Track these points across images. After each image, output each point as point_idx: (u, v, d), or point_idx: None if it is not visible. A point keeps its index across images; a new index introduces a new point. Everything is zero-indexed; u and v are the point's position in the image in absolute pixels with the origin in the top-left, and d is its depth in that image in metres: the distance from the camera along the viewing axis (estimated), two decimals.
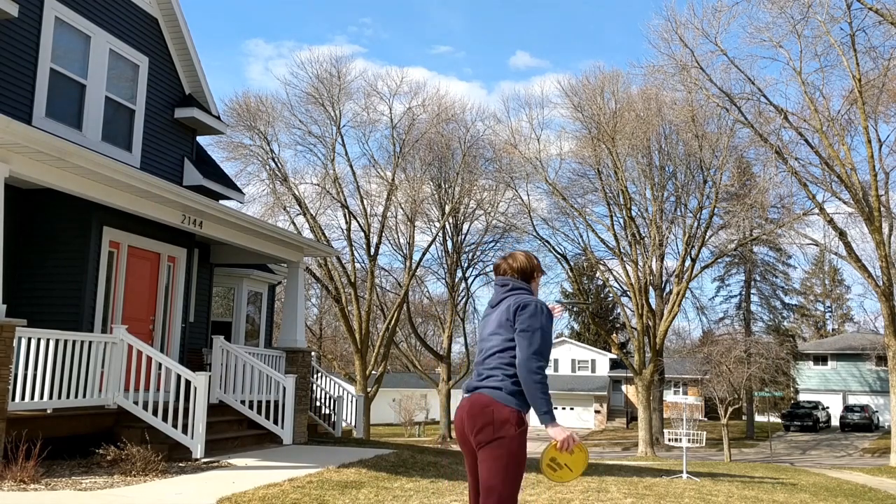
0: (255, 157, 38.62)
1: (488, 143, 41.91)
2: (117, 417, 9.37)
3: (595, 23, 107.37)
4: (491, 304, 4.03)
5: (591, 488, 8.81)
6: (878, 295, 27.52)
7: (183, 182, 13.62)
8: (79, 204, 9.64)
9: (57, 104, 11.06)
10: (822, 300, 65.59)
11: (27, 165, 8.04)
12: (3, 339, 7.47)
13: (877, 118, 28.37)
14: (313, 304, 50.41)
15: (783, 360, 41.10)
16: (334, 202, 39.66)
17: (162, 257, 11.82)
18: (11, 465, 7.18)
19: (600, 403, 55.16)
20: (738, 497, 9.04)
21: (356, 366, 39.54)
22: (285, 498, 6.98)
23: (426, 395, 55.21)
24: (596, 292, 56.49)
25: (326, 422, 14.87)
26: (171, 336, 11.95)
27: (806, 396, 51.86)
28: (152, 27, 13.12)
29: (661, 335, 38.17)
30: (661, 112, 35.52)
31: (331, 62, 50.76)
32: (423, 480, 8.54)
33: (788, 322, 57.39)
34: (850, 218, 28.69)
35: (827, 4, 25.96)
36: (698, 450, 32.28)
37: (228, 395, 11.41)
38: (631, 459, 29.95)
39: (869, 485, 14.94)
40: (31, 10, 10.62)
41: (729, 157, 34.88)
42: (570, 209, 39.53)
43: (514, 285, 3.96)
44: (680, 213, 38.91)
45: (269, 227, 12.42)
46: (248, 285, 15.88)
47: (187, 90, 13.99)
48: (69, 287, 10.04)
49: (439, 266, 46.15)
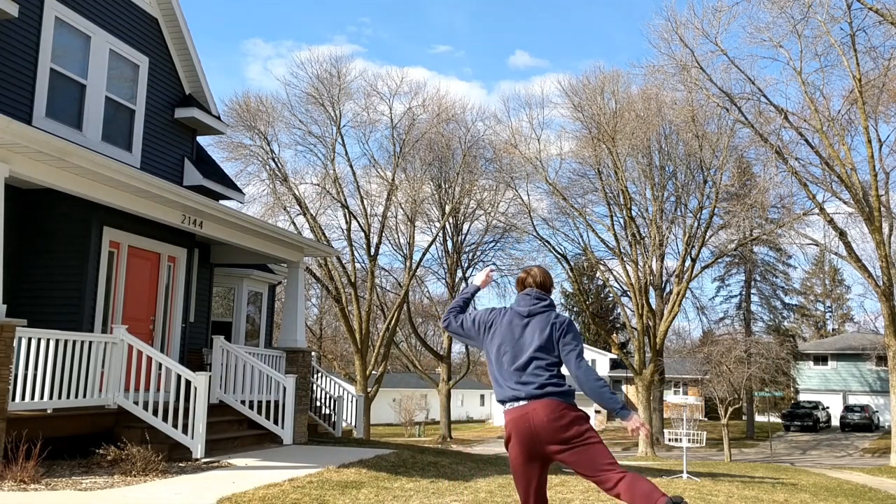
0: (255, 157, 38.65)
1: (488, 143, 41.94)
2: (117, 417, 9.37)
3: (594, 23, 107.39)
4: (522, 314, 4.18)
5: (591, 488, 8.80)
6: (878, 295, 27.52)
7: (183, 182, 13.62)
8: (79, 204, 9.64)
9: (57, 104, 11.06)
10: (823, 300, 65.62)
11: (27, 165, 8.03)
12: (3, 339, 7.47)
13: (877, 118, 28.39)
14: (313, 304, 50.42)
15: (783, 360, 41.09)
16: (334, 202, 39.68)
17: (162, 257, 11.82)
18: (12, 465, 7.18)
19: None
20: (738, 497, 9.04)
21: (356, 366, 39.54)
22: (285, 498, 6.98)
23: (426, 395, 55.20)
24: (596, 292, 56.51)
25: (326, 422, 14.87)
26: (171, 336, 11.95)
27: (806, 396, 51.85)
28: (152, 27, 13.12)
29: (661, 335, 38.17)
30: (662, 112, 35.51)
31: (331, 62, 50.87)
32: (424, 480, 8.54)
33: (788, 322, 57.40)
34: (851, 218, 28.70)
35: (827, 4, 25.98)
36: (698, 450, 32.28)
37: (229, 395, 11.41)
38: (631, 459, 29.95)
39: (869, 485, 14.94)
40: (32, 10, 10.62)
41: (729, 157, 34.89)
42: (571, 209, 39.53)
43: (551, 301, 4.26)
44: (680, 213, 38.94)
45: (270, 227, 12.42)
46: (249, 285, 15.87)
47: (187, 90, 13.99)
48: (69, 287, 10.04)
49: (439, 266, 46.20)
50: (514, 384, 4.00)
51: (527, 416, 3.92)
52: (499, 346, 4.14)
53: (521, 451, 3.96)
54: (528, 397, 3.95)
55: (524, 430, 3.93)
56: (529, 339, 4.08)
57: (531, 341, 4.07)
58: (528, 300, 4.23)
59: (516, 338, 4.11)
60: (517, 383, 4.00)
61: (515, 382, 4.00)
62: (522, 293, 4.30)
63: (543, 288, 4.30)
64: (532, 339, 4.08)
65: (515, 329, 4.14)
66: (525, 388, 3.97)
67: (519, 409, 3.95)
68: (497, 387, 4.11)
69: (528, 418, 3.92)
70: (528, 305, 4.21)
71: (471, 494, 7.72)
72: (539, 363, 4.02)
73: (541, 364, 4.01)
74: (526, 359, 4.03)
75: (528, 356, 4.04)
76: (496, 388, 4.13)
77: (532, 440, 3.92)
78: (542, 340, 4.06)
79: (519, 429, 3.95)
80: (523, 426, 3.93)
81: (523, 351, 4.06)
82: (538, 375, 3.98)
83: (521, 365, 4.03)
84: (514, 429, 3.96)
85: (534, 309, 4.19)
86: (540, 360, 4.02)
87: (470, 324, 4.34)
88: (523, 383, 3.98)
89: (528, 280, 4.33)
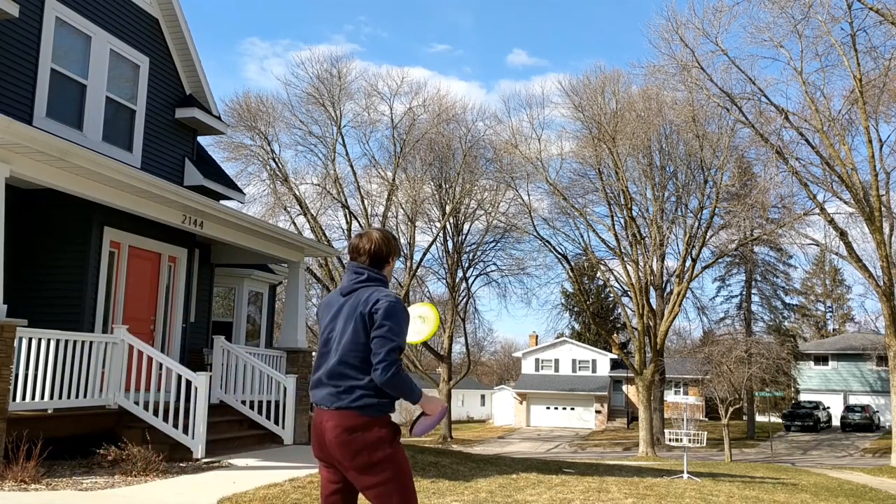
0: (255, 157, 38.68)
1: (489, 142, 41.93)
2: (118, 418, 9.37)
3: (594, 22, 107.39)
4: (341, 291, 3.58)
5: (591, 488, 8.81)
6: (878, 295, 27.51)
7: (184, 182, 13.62)
8: (79, 204, 9.64)
9: (57, 104, 11.06)
10: (823, 300, 65.60)
11: (28, 166, 8.04)
12: (4, 339, 7.47)
13: (878, 118, 28.39)
14: (314, 304, 50.38)
15: (784, 360, 41.05)
16: (335, 202, 39.70)
17: (163, 257, 11.82)
18: (12, 466, 7.18)
19: (601, 403, 55.14)
20: (738, 497, 9.03)
21: None
22: (286, 498, 6.98)
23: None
24: (597, 292, 56.46)
25: None
26: (171, 336, 11.95)
27: (807, 396, 51.83)
28: (153, 27, 13.12)
29: (661, 335, 38.16)
30: (662, 112, 35.52)
31: (331, 62, 50.92)
32: (424, 480, 8.54)
33: (789, 322, 57.39)
34: (851, 218, 28.70)
35: (828, 4, 25.99)
36: (699, 450, 32.26)
37: (229, 396, 11.41)
38: (632, 459, 29.95)
39: (870, 485, 14.94)
40: (32, 11, 10.62)
41: (730, 157, 34.89)
42: (571, 209, 39.53)
43: (369, 275, 3.55)
44: (681, 213, 38.94)
45: (270, 228, 12.42)
46: (249, 285, 15.87)
47: (188, 90, 13.99)
48: (70, 287, 10.04)
49: (440, 266, 46.18)
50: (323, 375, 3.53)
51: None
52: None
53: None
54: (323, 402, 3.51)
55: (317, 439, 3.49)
56: (342, 326, 3.50)
57: (342, 328, 3.49)
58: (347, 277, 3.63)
59: (333, 324, 3.57)
60: (326, 374, 3.52)
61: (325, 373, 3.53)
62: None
63: (368, 256, 3.57)
64: (342, 326, 3.50)
65: (333, 313, 3.59)
66: (328, 389, 3.52)
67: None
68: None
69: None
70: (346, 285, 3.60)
71: (471, 494, 7.72)
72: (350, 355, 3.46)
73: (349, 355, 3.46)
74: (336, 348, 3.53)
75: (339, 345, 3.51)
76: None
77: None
78: (351, 324, 3.45)
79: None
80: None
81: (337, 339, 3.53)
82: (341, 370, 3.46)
83: (328, 352, 3.55)
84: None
85: (346, 287, 3.57)
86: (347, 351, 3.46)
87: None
88: (329, 375, 3.51)
89: (358, 249, 3.61)
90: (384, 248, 3.59)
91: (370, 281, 3.53)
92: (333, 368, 3.42)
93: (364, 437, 3.31)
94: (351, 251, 3.63)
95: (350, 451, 3.30)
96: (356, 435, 3.31)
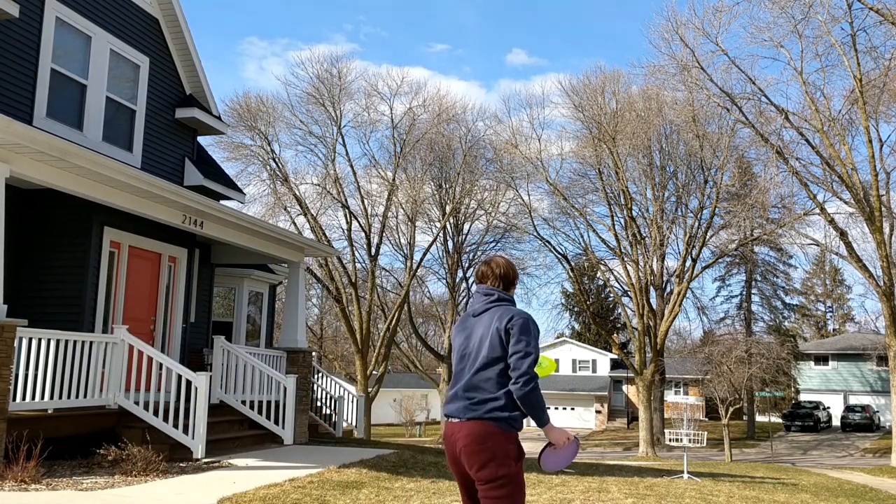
0: (255, 157, 38.63)
1: (489, 142, 41.89)
2: (118, 418, 9.37)
3: (594, 21, 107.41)
4: (473, 313, 3.81)
5: (592, 488, 8.81)
6: (878, 295, 27.49)
7: (184, 182, 13.62)
8: (79, 204, 9.65)
9: (58, 104, 11.06)
10: (823, 300, 65.59)
11: (28, 166, 8.04)
12: (4, 339, 7.47)
13: (878, 118, 28.36)
14: (314, 304, 50.42)
15: (784, 360, 41.06)
16: (335, 202, 39.66)
17: (163, 257, 11.82)
18: (12, 466, 7.18)
19: (601, 403, 55.14)
20: (739, 497, 9.03)
21: (357, 366, 39.53)
22: (286, 498, 6.98)
23: (427, 395, 55.19)
24: (597, 292, 56.46)
25: (327, 422, 14.87)
26: (171, 336, 11.95)
27: (807, 396, 51.83)
28: (153, 27, 13.12)
29: (661, 335, 38.16)
30: (662, 112, 35.51)
31: (331, 62, 50.85)
32: (424, 480, 8.54)
33: (789, 322, 57.38)
34: (851, 218, 28.68)
35: (828, 4, 25.96)
36: (699, 450, 32.26)
37: (229, 396, 11.41)
38: (632, 459, 29.95)
39: (870, 485, 14.94)
40: (32, 11, 10.62)
41: (730, 157, 34.88)
42: (571, 209, 39.52)
43: (498, 296, 3.80)
44: (681, 213, 38.93)
45: (270, 228, 12.42)
46: (249, 285, 15.87)
47: (188, 90, 13.99)
48: (70, 287, 10.04)
49: (440, 266, 46.13)
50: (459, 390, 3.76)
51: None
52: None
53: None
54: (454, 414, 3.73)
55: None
56: (477, 344, 3.73)
57: (478, 345, 3.72)
58: (476, 298, 3.88)
59: (469, 343, 3.81)
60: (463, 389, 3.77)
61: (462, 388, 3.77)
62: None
63: (497, 279, 3.86)
64: (477, 343, 3.72)
65: (468, 332, 3.83)
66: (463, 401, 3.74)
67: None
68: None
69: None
70: (477, 306, 3.85)
71: None
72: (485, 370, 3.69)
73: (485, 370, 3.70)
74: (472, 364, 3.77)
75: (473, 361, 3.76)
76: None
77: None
78: (487, 342, 3.67)
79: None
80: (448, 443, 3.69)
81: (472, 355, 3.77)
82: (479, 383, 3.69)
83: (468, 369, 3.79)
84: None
85: (478, 308, 3.81)
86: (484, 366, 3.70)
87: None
88: (464, 388, 3.75)
89: (484, 276, 3.90)
90: (510, 272, 3.87)
91: (500, 301, 3.78)
92: (469, 382, 3.63)
93: (493, 448, 3.49)
94: (478, 276, 3.91)
95: (479, 459, 3.48)
96: (486, 444, 3.50)
